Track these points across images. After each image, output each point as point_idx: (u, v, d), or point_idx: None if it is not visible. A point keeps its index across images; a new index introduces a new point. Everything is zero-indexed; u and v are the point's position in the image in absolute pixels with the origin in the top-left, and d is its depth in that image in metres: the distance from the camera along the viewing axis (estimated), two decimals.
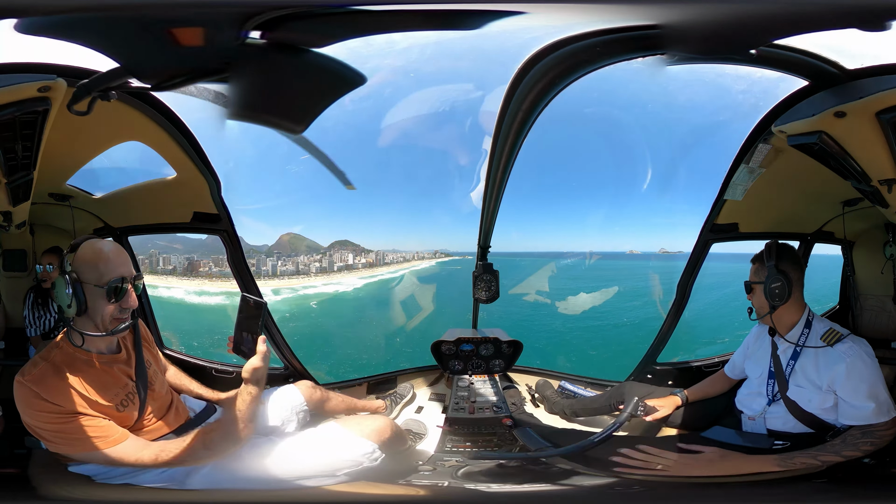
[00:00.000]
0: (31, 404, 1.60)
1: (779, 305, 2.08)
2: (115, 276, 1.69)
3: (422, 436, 2.68)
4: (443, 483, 2.02)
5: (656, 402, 2.45)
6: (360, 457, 1.94)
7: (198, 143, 2.43)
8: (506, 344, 3.37)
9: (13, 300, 2.95)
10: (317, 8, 1.37)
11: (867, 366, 1.95)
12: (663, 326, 3.24)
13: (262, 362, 1.77)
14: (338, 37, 1.42)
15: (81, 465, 1.73)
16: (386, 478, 1.98)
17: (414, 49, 2.79)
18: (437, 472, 2.18)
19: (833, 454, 1.92)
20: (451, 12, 1.49)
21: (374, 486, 1.90)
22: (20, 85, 1.60)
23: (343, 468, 1.90)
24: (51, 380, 1.62)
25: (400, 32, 1.58)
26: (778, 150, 2.38)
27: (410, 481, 2.05)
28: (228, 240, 2.85)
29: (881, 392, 1.94)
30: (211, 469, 1.79)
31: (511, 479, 1.97)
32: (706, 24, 1.42)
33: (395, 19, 1.46)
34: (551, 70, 1.71)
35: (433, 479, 2.08)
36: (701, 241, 2.99)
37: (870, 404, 1.91)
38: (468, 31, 1.54)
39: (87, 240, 1.76)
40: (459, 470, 2.11)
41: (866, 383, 1.93)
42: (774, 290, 2.05)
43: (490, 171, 2.54)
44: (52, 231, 2.91)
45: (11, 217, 2.39)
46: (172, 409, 1.94)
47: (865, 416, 1.93)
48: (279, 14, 1.34)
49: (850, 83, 1.70)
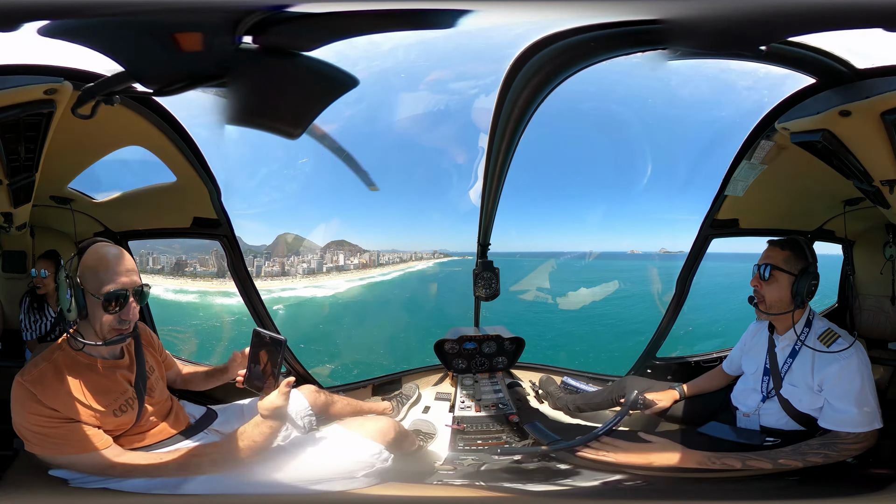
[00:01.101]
0: (25, 406, 1.58)
1: (806, 303, 2.04)
2: (116, 287, 1.65)
3: (432, 436, 2.68)
4: (470, 482, 2.02)
5: (655, 396, 2.49)
6: (369, 458, 1.93)
7: (198, 148, 2.43)
8: (508, 341, 3.39)
9: (11, 302, 2.93)
10: (298, 10, 1.36)
11: (859, 371, 1.92)
12: (662, 322, 3.27)
13: (284, 401, 1.71)
14: (322, 40, 1.41)
15: (62, 469, 1.69)
16: (409, 479, 1.98)
17: (399, 49, 2.78)
18: (458, 471, 2.18)
19: (767, 461, 1.92)
20: (450, 11, 1.48)
21: (399, 488, 1.89)
22: (27, 87, 1.58)
23: (358, 470, 1.89)
24: (50, 381, 1.60)
25: (383, 33, 1.57)
26: (780, 147, 2.38)
27: (437, 481, 2.04)
28: (228, 245, 2.85)
29: (868, 400, 1.90)
30: (215, 474, 1.76)
31: (529, 474, 1.97)
32: (716, 19, 1.40)
33: (376, 21, 1.44)
34: (547, 65, 1.70)
35: (457, 478, 2.08)
36: (701, 236, 3.01)
37: (851, 409, 1.90)
38: (456, 29, 1.53)
39: (95, 243, 1.72)
40: (481, 467, 2.11)
41: (854, 388, 1.91)
42: (811, 288, 2.01)
43: (488, 169, 2.53)
44: (53, 234, 2.88)
45: (12, 218, 2.38)
46: (172, 414, 1.93)
47: (843, 421, 1.91)
48: (265, 16, 1.33)
49: (857, 83, 1.70)
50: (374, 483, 1.87)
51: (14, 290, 2.94)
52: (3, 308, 2.95)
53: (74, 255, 1.70)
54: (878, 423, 1.90)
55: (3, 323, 2.93)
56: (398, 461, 2.03)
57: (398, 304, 20.70)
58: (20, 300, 2.90)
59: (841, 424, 1.92)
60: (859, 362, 1.93)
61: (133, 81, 1.55)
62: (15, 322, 2.92)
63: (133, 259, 1.77)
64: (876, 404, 1.91)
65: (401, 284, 26.07)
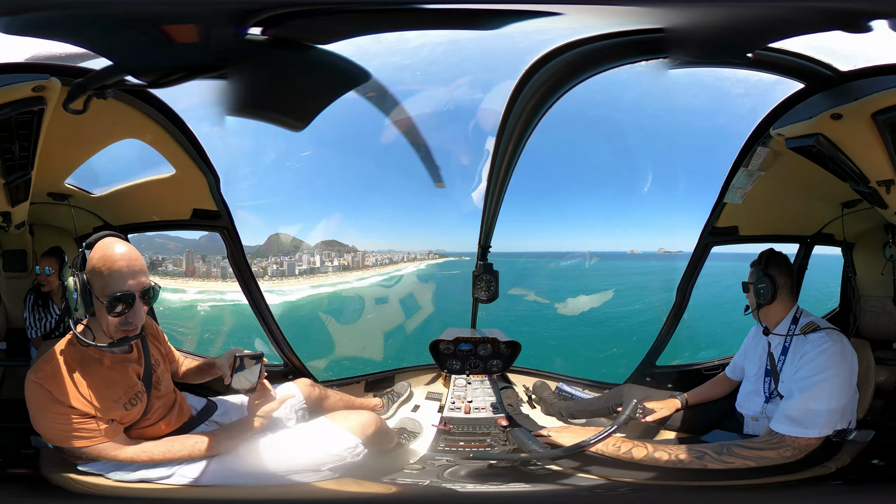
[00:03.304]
0: (41, 403, 1.62)
1: (763, 304, 2.24)
2: (120, 291, 1.62)
3: (416, 434, 2.68)
4: (425, 482, 2.02)
5: (655, 405, 2.46)
6: (342, 451, 1.94)
7: (196, 139, 2.42)
8: (504, 344, 3.37)
9: (13, 301, 2.97)
10: (322, 6, 1.36)
11: (828, 360, 1.92)
12: (662, 329, 3.24)
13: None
14: (345, 34, 1.41)
15: (90, 462, 1.74)
16: (371, 475, 1.98)
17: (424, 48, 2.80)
18: (424, 471, 2.18)
19: (745, 454, 1.89)
20: (449, 11, 1.48)
21: (359, 484, 1.90)
22: (14, 85, 1.59)
23: (326, 463, 1.90)
24: (62, 378, 1.62)
25: (411, 31, 1.58)
26: (777, 153, 2.38)
27: (395, 479, 2.05)
28: (228, 236, 2.84)
29: (824, 398, 1.87)
30: (198, 465, 1.79)
31: (499, 479, 1.96)
32: (706, 29, 1.44)
33: (404, 18, 1.45)
34: (558, 72, 1.73)
35: (419, 478, 2.08)
36: (701, 244, 3.00)
37: (797, 402, 1.90)
38: (472, 32, 1.54)
39: (103, 238, 1.68)
40: (447, 470, 2.11)
41: (816, 377, 1.91)
42: (759, 290, 2.24)
43: (492, 172, 2.54)
44: (52, 231, 2.91)
45: (10, 217, 2.40)
46: (176, 407, 1.96)
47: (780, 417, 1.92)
48: (282, 11, 1.33)
49: (845, 85, 1.72)
50: (334, 477, 1.89)
51: (16, 289, 2.97)
52: (6, 307, 2.99)
53: (82, 251, 1.67)
54: (819, 431, 1.86)
55: (7, 322, 2.98)
56: (371, 457, 2.03)
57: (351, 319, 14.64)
58: (24, 298, 2.94)
59: (777, 420, 1.93)
60: (830, 352, 1.94)
61: (126, 74, 1.56)
62: (18, 321, 2.95)
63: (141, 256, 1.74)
64: (837, 407, 1.87)
65: (376, 292, 21.52)
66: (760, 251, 2.32)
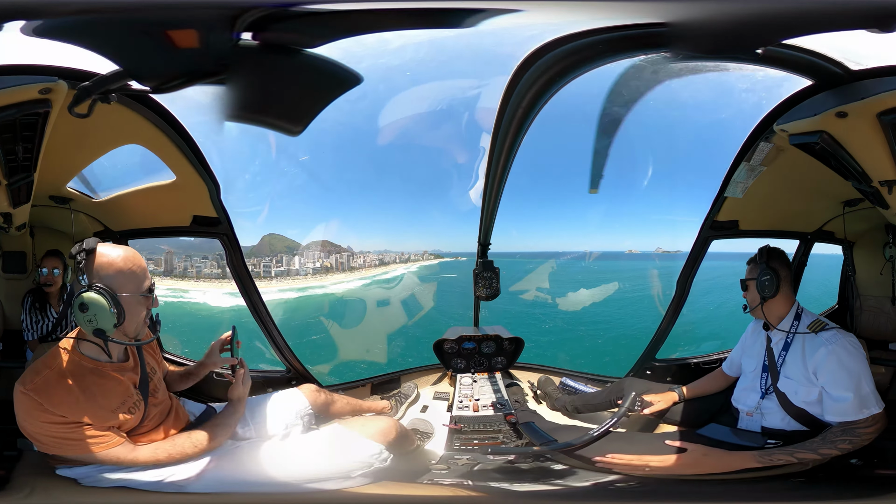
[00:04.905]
0: (31, 414, 1.59)
1: (769, 297, 2.23)
2: (150, 280, 1.73)
3: (429, 435, 2.68)
4: (462, 481, 2.04)
5: (653, 398, 2.50)
6: (369, 458, 1.95)
7: (197, 146, 2.42)
8: (507, 341, 3.39)
9: (11, 302, 2.94)
10: (303, 7, 1.36)
11: (850, 354, 2.01)
12: (662, 323, 3.26)
13: (244, 389, 1.99)
14: (329, 37, 1.40)
15: (69, 467, 1.72)
16: (403, 478, 2.00)
17: (408, 48, 2.77)
18: (451, 470, 2.20)
19: (810, 452, 1.97)
20: (448, 11, 1.48)
21: (392, 487, 1.91)
22: (21, 86, 1.58)
23: (355, 470, 1.90)
24: (54, 389, 1.60)
25: (393, 31, 1.57)
26: (779, 149, 2.38)
27: (428, 480, 2.06)
28: (228, 243, 2.84)
29: (864, 385, 1.97)
30: (214, 473, 1.79)
31: (523, 474, 1.98)
32: (714, 23, 1.43)
33: (387, 18, 1.44)
34: (553, 67, 1.71)
35: (447, 477, 2.09)
36: (701, 237, 3.01)
37: (848, 395, 1.96)
38: (465, 30, 1.53)
39: (97, 246, 1.67)
40: (475, 467, 2.12)
41: (847, 372, 1.98)
42: (764, 283, 2.22)
43: (489, 169, 2.54)
44: (52, 234, 2.90)
45: (12, 219, 2.38)
46: (172, 413, 1.94)
47: (845, 410, 1.97)
48: (266, 13, 1.33)
49: (853, 84, 1.71)
50: (368, 482, 1.89)
51: (14, 291, 2.95)
52: (3, 308, 2.96)
53: (81, 262, 1.63)
54: (876, 407, 1.96)
55: (3, 323, 2.95)
56: (395, 461, 2.04)
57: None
58: (22, 300, 2.91)
59: (844, 413, 1.97)
60: (850, 346, 2.02)
61: (129, 79, 1.55)
62: (15, 322, 2.93)
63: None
64: (873, 387, 1.98)
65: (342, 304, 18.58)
66: (759, 248, 2.33)
